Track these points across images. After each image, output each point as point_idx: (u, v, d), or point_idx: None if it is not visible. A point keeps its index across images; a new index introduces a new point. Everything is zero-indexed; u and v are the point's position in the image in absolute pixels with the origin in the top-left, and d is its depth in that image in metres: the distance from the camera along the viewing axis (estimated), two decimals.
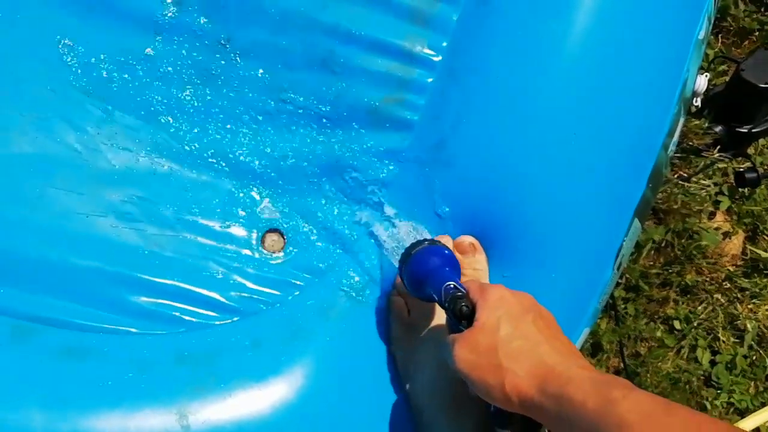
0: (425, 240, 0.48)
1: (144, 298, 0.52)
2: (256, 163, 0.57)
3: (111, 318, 0.50)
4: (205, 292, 0.52)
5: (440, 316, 0.50)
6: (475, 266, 0.51)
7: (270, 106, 0.58)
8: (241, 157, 0.57)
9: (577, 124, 0.52)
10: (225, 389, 0.46)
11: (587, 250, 0.54)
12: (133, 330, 0.50)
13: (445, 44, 0.55)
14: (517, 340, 0.36)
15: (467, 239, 0.51)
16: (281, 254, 0.56)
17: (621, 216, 0.54)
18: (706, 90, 0.95)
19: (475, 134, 0.53)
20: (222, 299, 0.53)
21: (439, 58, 0.55)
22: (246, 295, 0.53)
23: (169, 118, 0.58)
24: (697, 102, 0.79)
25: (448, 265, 0.45)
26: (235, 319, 0.52)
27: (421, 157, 0.55)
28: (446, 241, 0.51)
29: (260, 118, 0.58)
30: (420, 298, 0.47)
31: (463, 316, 0.39)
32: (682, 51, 0.55)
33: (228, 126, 0.58)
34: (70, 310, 0.49)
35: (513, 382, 0.35)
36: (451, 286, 0.41)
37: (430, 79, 0.55)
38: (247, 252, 0.55)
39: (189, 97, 0.58)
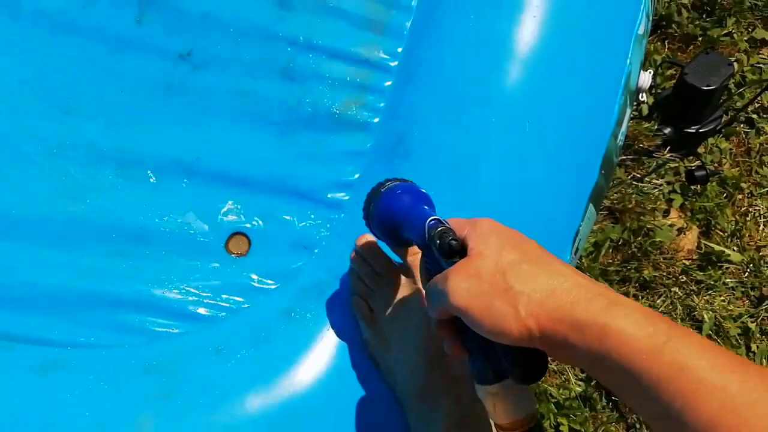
0: (390, 179, 0.42)
1: (110, 310, 0.53)
2: (220, 168, 0.59)
3: (79, 332, 0.51)
4: (172, 295, 0.54)
5: (402, 296, 0.49)
6: None
7: (232, 114, 0.60)
8: (205, 163, 0.59)
9: (527, 113, 0.56)
10: (190, 397, 0.48)
11: (545, 235, 0.57)
12: (101, 343, 0.51)
13: (400, 50, 0.59)
14: (526, 264, 0.31)
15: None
16: (246, 257, 0.58)
17: (576, 202, 0.58)
18: (655, 93, 1.02)
19: (430, 126, 0.57)
20: (187, 308, 0.54)
21: (396, 63, 0.59)
22: (211, 301, 0.54)
23: (132, 128, 0.60)
24: (643, 97, 0.85)
25: (425, 201, 0.40)
26: (199, 326, 0.53)
27: (384, 154, 0.59)
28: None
29: (223, 125, 0.60)
30: (393, 244, 0.42)
31: (453, 250, 0.34)
32: (624, 44, 0.61)
33: (191, 134, 0.60)
34: (38, 326, 0.50)
35: (529, 307, 0.29)
36: (436, 220, 0.36)
37: (388, 83, 0.59)
38: (212, 257, 0.57)
39: (152, 107, 0.60)
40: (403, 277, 0.49)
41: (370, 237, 0.49)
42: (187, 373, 0.49)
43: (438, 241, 0.35)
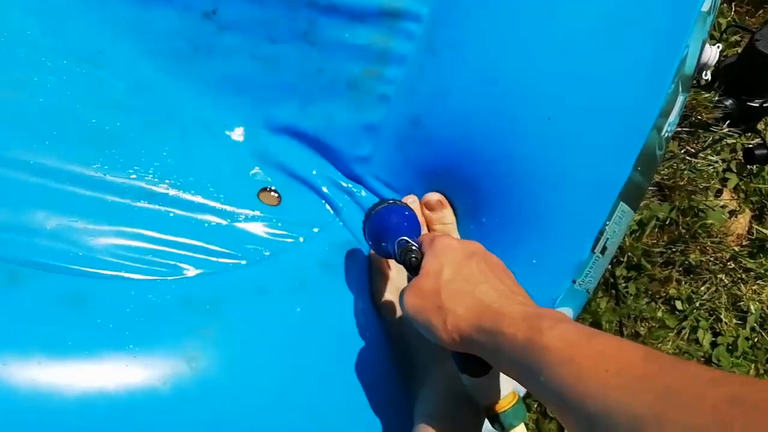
0: (388, 200, 0.50)
1: (145, 244, 0.52)
2: (241, 132, 0.58)
3: (111, 265, 0.50)
4: (205, 244, 0.52)
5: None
6: (443, 221, 0.54)
7: (254, 79, 0.59)
8: (226, 129, 0.59)
9: (559, 101, 0.51)
10: (231, 334, 0.46)
11: (563, 230, 0.54)
12: (136, 276, 0.49)
13: (425, 11, 0.55)
14: (458, 282, 0.39)
15: (435, 196, 0.54)
16: (278, 208, 0.57)
17: (603, 198, 0.55)
18: (717, 61, 0.95)
19: (451, 111, 0.53)
20: (223, 249, 0.53)
21: (419, 27, 0.55)
22: (249, 245, 0.54)
23: (159, 87, 0.58)
24: (707, 75, 0.79)
25: (406, 222, 0.48)
26: (243, 262, 0.52)
27: (399, 134, 0.55)
28: (413, 200, 0.54)
29: (245, 89, 0.59)
30: (381, 255, 0.50)
31: (412, 266, 0.43)
32: (683, 25, 0.54)
33: (215, 95, 0.59)
34: (70, 256, 0.48)
35: (453, 321, 0.37)
36: (404, 240, 0.44)
37: (409, 51, 0.55)
38: (245, 207, 0.56)
39: (176, 68, 0.59)
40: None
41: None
42: (228, 310, 0.48)
43: (403, 258, 0.43)
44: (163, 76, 0.59)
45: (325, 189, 0.59)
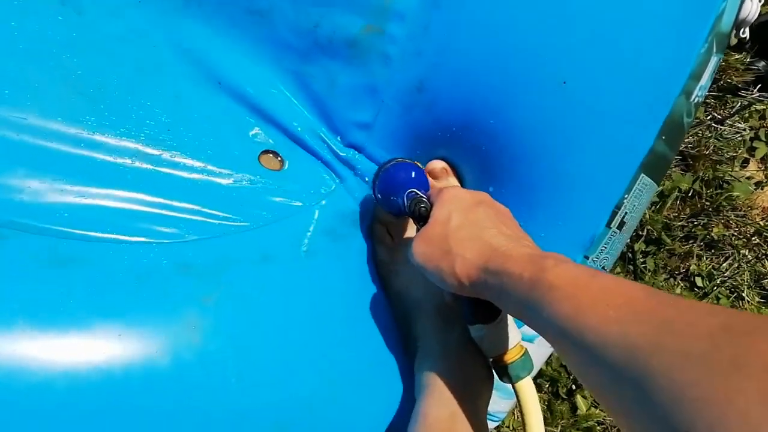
0: (397, 158, 0.52)
1: (138, 207, 0.49)
2: (242, 91, 0.56)
3: (101, 226, 0.47)
4: (203, 207, 0.50)
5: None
6: None
7: (249, 35, 0.56)
8: (221, 86, 0.56)
9: (576, 62, 0.48)
10: (234, 303, 0.44)
11: (577, 202, 0.52)
12: (129, 238, 0.47)
13: None
14: (466, 228, 0.40)
15: (439, 164, 0.55)
16: (280, 173, 0.54)
17: (622, 170, 0.52)
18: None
19: (458, 74, 0.50)
20: (224, 213, 0.51)
21: None
22: (251, 210, 0.52)
23: (149, 39, 0.55)
24: (744, 33, 0.75)
25: (415, 176, 0.50)
26: (245, 223, 0.50)
27: (402, 100, 0.53)
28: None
29: (239, 44, 0.56)
30: (390, 212, 0.52)
31: (421, 216, 0.45)
32: None
33: (208, 51, 0.56)
34: (55, 217, 0.45)
35: (461, 265, 0.39)
36: (413, 192, 0.47)
37: (412, 5, 0.52)
38: (246, 171, 0.54)
39: (165, 21, 0.56)
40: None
41: None
42: (231, 276, 0.46)
43: (413, 208, 0.45)
44: (153, 29, 0.56)
45: (327, 156, 0.57)
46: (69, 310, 0.37)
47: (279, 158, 0.55)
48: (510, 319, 0.43)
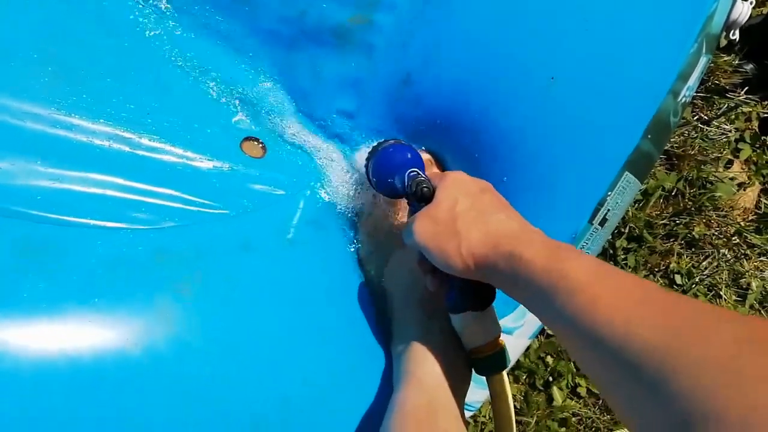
0: (390, 140, 0.52)
1: (114, 192, 0.48)
2: (226, 77, 0.55)
3: (75, 211, 0.46)
4: (181, 193, 0.49)
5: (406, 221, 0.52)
6: None
7: (238, 21, 0.55)
8: (204, 73, 0.55)
9: (564, 57, 0.48)
10: (211, 292, 0.43)
11: (560, 198, 0.52)
12: (103, 223, 0.46)
13: None
14: (473, 212, 0.41)
15: (424, 155, 0.54)
16: (261, 161, 0.54)
17: (606, 167, 0.53)
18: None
19: (445, 68, 0.50)
20: (203, 200, 0.50)
21: None
22: (230, 197, 0.51)
23: (152, 32, 0.54)
24: (735, 35, 0.75)
25: (412, 157, 0.50)
26: (225, 211, 0.50)
27: (388, 93, 0.52)
28: None
29: (224, 31, 0.55)
30: (384, 193, 0.52)
31: (424, 196, 0.45)
32: None
33: (194, 39, 0.55)
34: (27, 200, 0.44)
35: (468, 246, 0.39)
36: (415, 171, 0.47)
37: None
38: (227, 158, 0.53)
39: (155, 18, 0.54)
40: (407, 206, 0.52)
41: None
42: (208, 264, 0.46)
43: (415, 189, 0.45)
44: (137, 15, 0.55)
45: (310, 144, 0.57)
46: (38, 295, 0.36)
47: (261, 145, 0.55)
48: (492, 312, 0.44)
